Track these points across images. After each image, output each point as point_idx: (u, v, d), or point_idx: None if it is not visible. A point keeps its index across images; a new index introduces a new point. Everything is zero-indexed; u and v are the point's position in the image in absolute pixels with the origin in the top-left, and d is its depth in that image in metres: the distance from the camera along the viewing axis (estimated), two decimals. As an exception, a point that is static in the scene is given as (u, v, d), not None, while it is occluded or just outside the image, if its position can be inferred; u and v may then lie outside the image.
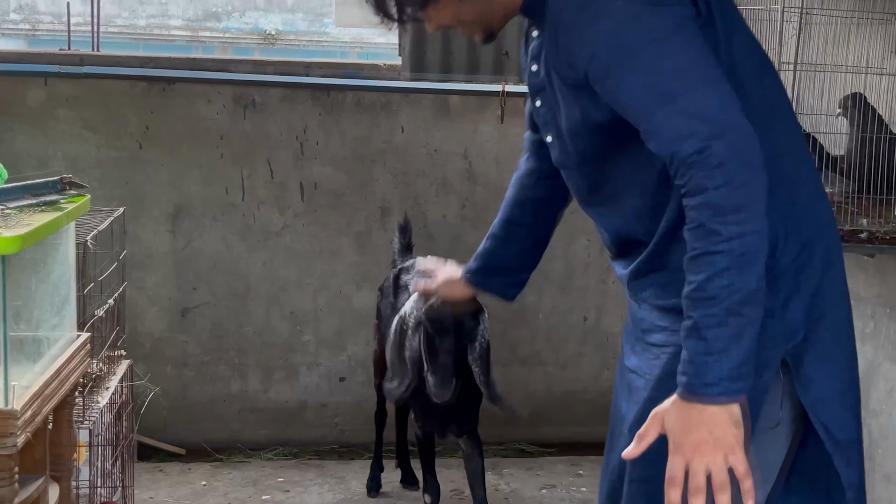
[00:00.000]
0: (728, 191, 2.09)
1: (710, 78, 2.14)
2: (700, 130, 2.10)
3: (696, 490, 2.12)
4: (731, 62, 2.28)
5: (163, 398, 5.47)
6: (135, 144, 5.69)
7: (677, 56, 2.15)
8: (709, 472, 2.11)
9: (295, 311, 5.96)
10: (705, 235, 2.12)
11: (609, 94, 2.20)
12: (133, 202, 5.53)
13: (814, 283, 2.34)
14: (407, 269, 4.80)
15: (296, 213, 5.88)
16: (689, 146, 2.11)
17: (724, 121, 2.11)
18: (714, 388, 2.14)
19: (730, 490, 2.12)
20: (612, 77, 2.17)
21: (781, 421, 2.38)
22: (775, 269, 2.26)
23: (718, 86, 2.14)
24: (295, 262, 5.91)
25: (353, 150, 5.88)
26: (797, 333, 2.32)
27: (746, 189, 2.10)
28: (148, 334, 5.79)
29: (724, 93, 2.14)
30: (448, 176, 5.98)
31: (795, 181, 2.37)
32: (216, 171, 5.80)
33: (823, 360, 2.35)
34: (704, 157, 2.10)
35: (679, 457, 2.15)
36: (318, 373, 6.02)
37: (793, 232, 2.32)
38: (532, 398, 6.10)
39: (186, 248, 5.82)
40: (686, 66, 2.14)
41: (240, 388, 5.96)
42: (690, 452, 2.14)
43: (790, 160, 2.38)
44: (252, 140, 5.79)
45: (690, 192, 2.12)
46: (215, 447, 5.86)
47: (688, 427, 2.16)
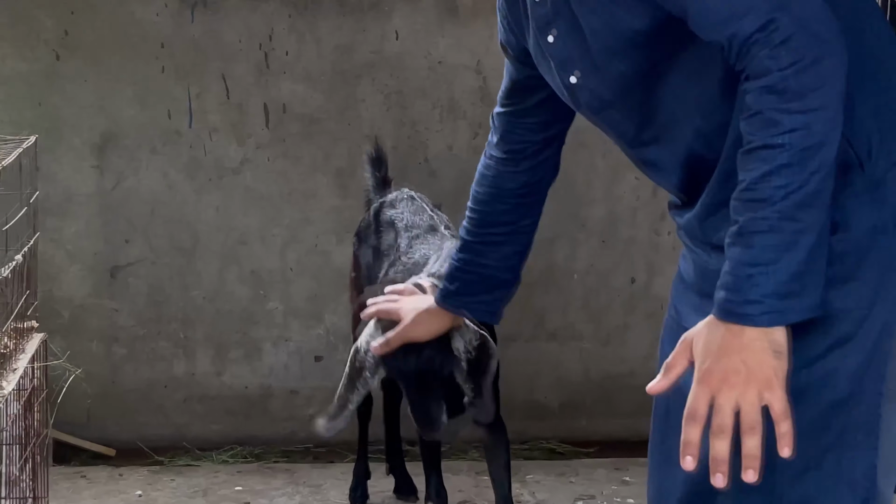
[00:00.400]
0: (794, 71, 1.99)
1: None
2: (761, 2, 2.01)
3: (718, 429, 2.00)
4: None
5: (86, 383, 4.99)
6: (50, 55, 5.35)
7: None
8: (737, 409, 2.00)
9: (257, 271, 5.62)
10: (763, 125, 2.02)
11: None
12: (48, 129, 5.14)
13: None
14: (391, 203, 4.65)
15: (258, 143, 5.54)
16: (749, 22, 2.01)
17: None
18: (756, 305, 2.02)
19: (761, 432, 1.99)
20: None
21: None
22: (875, 174, 2.16)
23: None
24: (257, 208, 5.58)
25: (333, 63, 5.54)
26: None
27: (817, 69, 1.99)
28: (67, 300, 5.45)
29: None
30: (456, 96, 5.62)
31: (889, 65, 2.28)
32: (155, 90, 5.46)
33: None
34: (768, 34, 2.00)
35: (704, 387, 2.03)
36: (287, 350, 5.67)
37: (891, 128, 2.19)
38: (564, 384, 5.82)
39: (117, 189, 5.48)
40: None
41: (185, 371, 5.61)
42: (718, 383, 2.03)
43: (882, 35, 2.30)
44: (202, 49, 5.46)
45: (751, 76, 2.04)
46: (154, 447, 5.50)
47: (718, 352, 2.05)
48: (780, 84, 1.98)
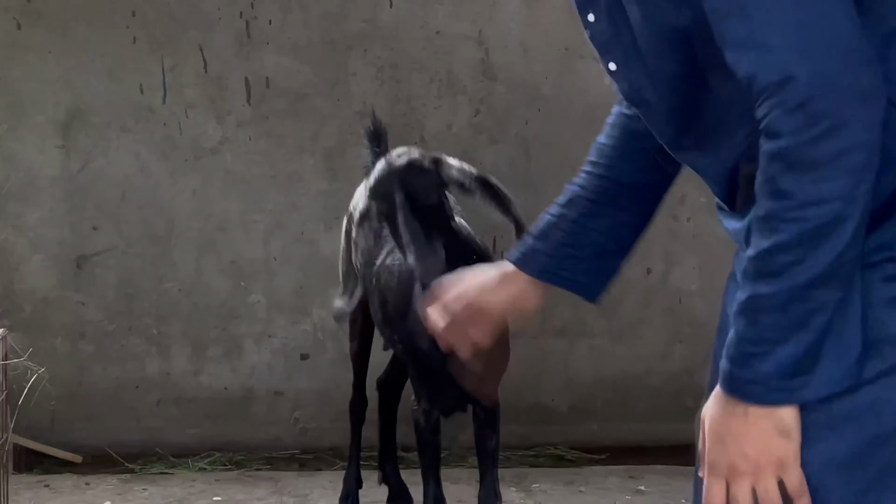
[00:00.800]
0: (810, 139, 1.80)
1: None
2: (789, 47, 1.83)
3: None
4: None
5: (51, 384, 4.73)
6: (10, 23, 5.29)
7: None
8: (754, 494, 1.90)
9: (238, 261, 5.55)
10: (774, 195, 1.86)
11: None
12: (8, 106, 5.31)
13: None
14: None
15: (239, 121, 5.47)
16: (769, 71, 1.82)
17: (827, 40, 1.84)
18: (759, 385, 1.87)
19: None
20: None
21: None
22: None
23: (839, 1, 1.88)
24: (238, 192, 5.51)
25: (322, 34, 5.50)
26: None
27: (839, 136, 1.79)
28: (29, 293, 5.41)
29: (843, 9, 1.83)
30: (455, 69, 5.58)
31: None
32: (126, 62, 5.40)
33: None
34: (784, 92, 1.81)
35: (716, 478, 1.93)
36: (271, 348, 5.59)
37: None
38: (573, 384, 5.77)
39: (84, 172, 5.42)
40: None
41: (159, 370, 5.53)
42: (728, 472, 1.92)
43: None
44: (177, 17, 5.41)
45: (765, 133, 1.84)
46: (125, 453, 5.37)
47: (723, 438, 1.95)
48: (793, 153, 1.85)
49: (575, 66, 5.59)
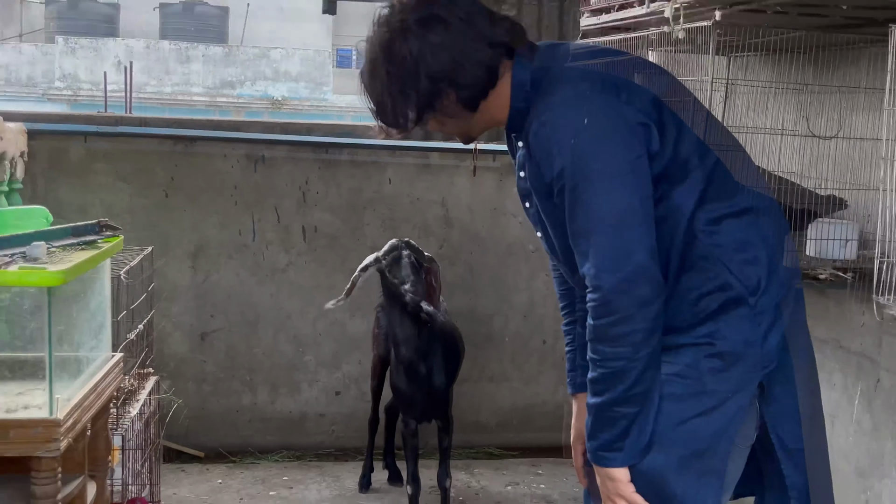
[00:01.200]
0: (607, 325, 2.17)
1: (635, 220, 2.17)
2: (606, 266, 2.16)
3: None
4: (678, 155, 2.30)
5: (185, 409, 5.51)
6: (161, 194, 5.72)
7: (618, 192, 2.18)
8: None
9: (297, 336, 5.96)
10: (592, 350, 2.22)
11: (566, 206, 2.23)
12: (160, 243, 5.44)
13: (787, 317, 2.34)
14: None
15: (298, 252, 5.89)
16: (591, 275, 2.18)
17: (627, 264, 2.15)
18: (594, 455, 2.30)
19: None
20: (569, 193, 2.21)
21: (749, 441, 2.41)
22: (757, 306, 2.28)
23: (640, 229, 2.18)
24: (298, 294, 5.90)
25: (348, 199, 5.90)
26: (772, 360, 2.32)
27: (626, 325, 2.15)
28: (172, 355, 5.74)
29: (639, 237, 2.17)
30: (428, 221, 5.99)
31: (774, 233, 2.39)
32: (231, 217, 5.81)
33: (785, 381, 2.36)
34: (594, 293, 2.18)
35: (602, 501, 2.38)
36: (318, 388, 6.02)
37: (774, 274, 2.32)
38: (499, 410, 6.17)
39: (205, 282, 5.83)
40: (622, 203, 2.17)
41: (250, 401, 5.96)
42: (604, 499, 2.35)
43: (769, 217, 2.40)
44: (262, 190, 5.81)
45: (589, 311, 2.21)
46: (229, 451, 5.88)
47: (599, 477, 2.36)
48: (599, 331, 2.18)
49: (499, 220, 5.97)
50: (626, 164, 2.18)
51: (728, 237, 2.29)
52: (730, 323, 2.27)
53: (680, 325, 2.28)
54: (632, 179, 2.17)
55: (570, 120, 2.20)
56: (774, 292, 2.31)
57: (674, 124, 2.29)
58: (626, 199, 2.16)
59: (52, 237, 3.24)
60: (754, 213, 2.35)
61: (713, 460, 2.29)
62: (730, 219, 2.30)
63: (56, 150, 5.50)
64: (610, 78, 2.28)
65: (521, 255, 6.02)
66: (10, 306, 3.24)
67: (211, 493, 5.25)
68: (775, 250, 2.35)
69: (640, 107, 2.24)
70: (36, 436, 2.94)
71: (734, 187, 2.35)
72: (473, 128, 2.47)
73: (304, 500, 5.25)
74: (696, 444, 2.28)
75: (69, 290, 3.21)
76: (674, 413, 2.27)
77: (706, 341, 2.27)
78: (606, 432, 2.25)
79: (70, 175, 5.53)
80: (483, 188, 5.96)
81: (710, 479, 2.30)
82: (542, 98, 2.28)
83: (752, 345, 2.27)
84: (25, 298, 3.14)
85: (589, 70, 2.30)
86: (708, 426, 2.27)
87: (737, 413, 2.29)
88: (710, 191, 2.29)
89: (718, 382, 2.27)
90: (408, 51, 2.30)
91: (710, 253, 2.27)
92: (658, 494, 2.27)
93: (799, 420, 2.39)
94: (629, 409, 2.21)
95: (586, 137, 2.17)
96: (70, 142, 5.54)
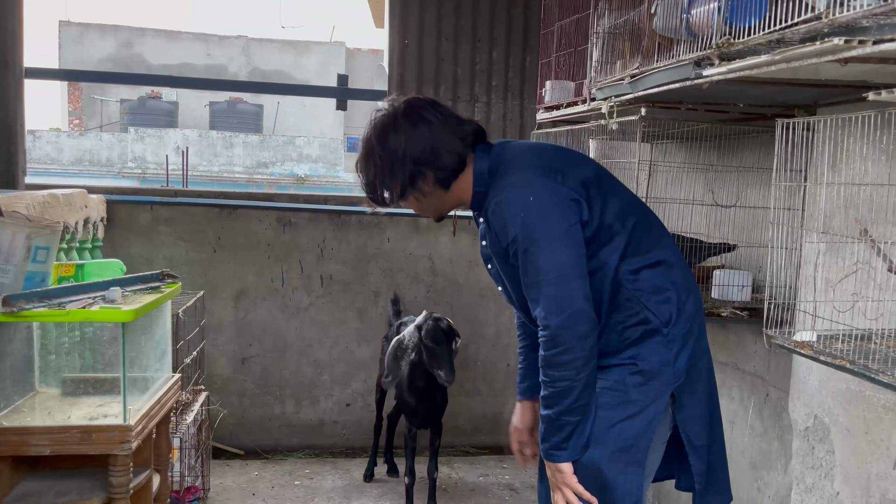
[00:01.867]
0: (554, 354, 2.16)
1: (572, 273, 2.16)
2: (552, 309, 2.15)
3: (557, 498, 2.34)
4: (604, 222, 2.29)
5: (229, 417, 5.51)
6: (211, 249, 5.65)
7: (559, 252, 2.17)
8: None
9: (317, 360, 5.87)
10: (543, 374, 2.21)
11: (520, 265, 2.22)
12: (210, 287, 5.52)
13: (692, 344, 2.34)
14: (403, 323, 4.77)
15: (318, 295, 5.80)
16: (541, 317, 2.17)
17: (568, 308, 2.14)
18: (546, 453, 2.28)
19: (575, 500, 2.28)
20: (522, 254, 2.20)
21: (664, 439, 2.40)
22: (669, 335, 2.28)
23: (577, 280, 2.17)
24: (317, 328, 5.82)
25: (356, 254, 5.80)
26: (681, 376, 2.32)
27: (569, 354, 2.15)
28: (219, 375, 5.71)
29: (576, 286, 2.16)
30: (418, 271, 5.88)
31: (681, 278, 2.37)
32: (265, 267, 5.71)
33: (691, 393, 2.35)
34: (543, 329, 2.18)
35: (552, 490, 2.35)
36: (332, 401, 5.93)
37: (684, 313, 2.32)
38: (473, 417, 6.05)
39: (245, 319, 5.74)
40: (563, 260, 2.17)
41: (280, 411, 5.87)
42: (553, 488, 2.33)
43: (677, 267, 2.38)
44: (289, 247, 5.71)
45: (540, 344, 2.20)
46: (264, 450, 5.80)
47: (550, 471, 2.33)
48: (547, 359, 2.17)
49: (473, 269, 5.83)
50: (563, 229, 2.18)
51: (646, 283, 2.29)
52: (649, 348, 2.27)
53: (611, 350, 2.29)
54: (568, 241, 2.17)
55: (520, 198, 2.20)
56: (682, 324, 2.30)
57: (599, 198, 2.29)
58: (565, 256, 2.16)
59: (125, 284, 3.28)
60: (666, 264, 2.34)
61: (637, 454, 2.28)
62: (647, 269, 2.30)
63: (129, 216, 5.45)
64: (549, 165, 2.29)
65: (490, 297, 5.92)
66: (93, 337, 3.34)
67: (249, 482, 5.18)
68: (682, 292, 2.32)
69: (573, 186, 2.25)
70: (113, 438, 2.97)
71: (650, 244, 2.34)
72: (444, 206, 2.45)
73: (322, 488, 5.16)
74: (623, 442, 2.27)
75: (139, 325, 3.23)
76: (606, 418, 2.27)
77: (630, 362, 2.27)
78: (556, 436, 2.23)
79: (139, 235, 5.48)
80: (461, 245, 5.87)
81: (634, 469, 2.29)
82: (498, 182, 2.28)
83: (666, 364, 2.27)
84: (105, 331, 3.24)
85: (532, 160, 2.31)
86: (632, 428, 2.26)
87: (654, 417, 2.28)
88: (630, 248, 2.29)
89: (640, 394, 2.26)
90: (398, 142, 2.32)
91: (633, 296, 2.28)
92: (594, 481, 2.27)
93: (702, 423, 2.40)
94: (573, 418, 2.21)
95: (532, 211, 2.17)
96: (140, 209, 5.48)
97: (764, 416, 3.48)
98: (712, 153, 3.74)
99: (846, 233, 2.43)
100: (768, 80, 2.24)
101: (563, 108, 3.75)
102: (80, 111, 27.12)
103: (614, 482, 2.26)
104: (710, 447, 2.42)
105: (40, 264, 3.01)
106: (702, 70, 2.28)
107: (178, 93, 27.32)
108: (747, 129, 3.45)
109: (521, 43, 5.80)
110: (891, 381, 1.82)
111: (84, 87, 26.81)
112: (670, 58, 2.52)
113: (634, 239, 2.30)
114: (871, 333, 2.16)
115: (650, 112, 3.04)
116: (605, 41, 3.27)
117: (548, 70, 4.03)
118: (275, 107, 28.15)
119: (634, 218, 2.34)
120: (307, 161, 24.45)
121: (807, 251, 2.81)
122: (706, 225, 3.70)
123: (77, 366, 3.40)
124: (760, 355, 3.50)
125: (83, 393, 3.35)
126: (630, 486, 2.27)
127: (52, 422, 3.01)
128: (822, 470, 2.87)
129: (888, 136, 2.15)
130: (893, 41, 1.52)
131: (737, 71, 2.06)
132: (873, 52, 1.58)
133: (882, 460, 2.56)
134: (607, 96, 3.13)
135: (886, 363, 1.92)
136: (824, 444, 2.86)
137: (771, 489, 3.39)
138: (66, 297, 2.95)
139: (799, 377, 3.03)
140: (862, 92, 1.86)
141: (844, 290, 2.49)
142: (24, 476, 3.14)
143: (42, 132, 22.99)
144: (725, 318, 3.17)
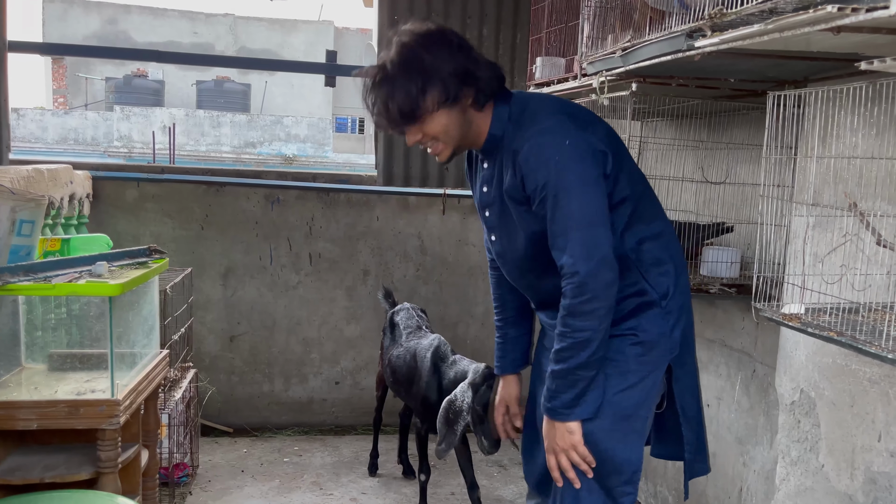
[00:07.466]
0: (580, 302, 2.12)
1: (601, 221, 2.14)
2: (581, 255, 2.11)
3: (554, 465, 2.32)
4: (619, 181, 2.27)
5: (218, 395, 5.54)
6: (198, 227, 5.61)
7: (591, 198, 2.14)
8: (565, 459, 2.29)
9: (306, 338, 5.85)
10: (563, 323, 2.17)
11: (548, 211, 2.17)
12: (197, 265, 5.51)
13: (686, 318, 2.36)
14: (396, 312, 4.71)
15: (306, 273, 5.77)
16: (569, 264, 2.13)
17: (597, 254, 2.12)
18: (554, 412, 2.25)
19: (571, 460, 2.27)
20: (551, 199, 2.15)
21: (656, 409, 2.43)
22: (668, 306, 2.31)
23: (605, 228, 2.14)
24: (306, 306, 5.79)
25: (345, 232, 5.77)
26: (676, 348, 2.34)
27: (595, 302, 2.12)
28: (207, 353, 5.68)
29: (604, 234, 2.13)
30: (407, 249, 5.87)
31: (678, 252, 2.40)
32: (253, 245, 5.68)
33: (682, 365, 2.38)
34: (571, 277, 2.14)
35: (549, 454, 2.30)
36: (321, 378, 5.90)
37: (679, 286, 2.34)
38: None
39: (233, 296, 5.71)
40: (594, 207, 2.14)
41: (269, 389, 5.84)
42: (553, 451, 2.29)
43: (675, 240, 2.41)
44: (277, 224, 5.68)
45: (564, 294, 2.16)
46: (253, 427, 5.79)
47: (548, 434, 2.29)
48: (572, 307, 2.13)
49: (462, 248, 5.84)
50: (594, 176, 2.15)
51: (648, 255, 2.30)
52: (648, 319, 2.28)
53: None
54: (599, 189, 2.16)
55: (554, 142, 2.15)
56: (678, 298, 2.32)
57: (620, 157, 2.28)
58: (596, 203, 2.14)
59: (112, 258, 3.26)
60: (666, 236, 2.35)
61: (636, 423, 2.30)
62: (649, 241, 2.30)
63: (115, 193, 5.41)
64: (578, 115, 2.27)
65: (479, 276, 5.92)
66: (80, 312, 3.30)
67: (238, 459, 5.17)
68: (679, 265, 2.35)
69: (601, 137, 2.23)
70: (100, 412, 2.95)
71: (653, 214, 2.35)
72: (465, 136, 2.31)
73: (311, 464, 5.15)
74: (623, 411, 2.28)
75: (126, 300, 3.21)
76: (607, 388, 2.27)
77: (631, 333, 2.28)
78: (568, 392, 2.21)
79: (126, 212, 5.44)
80: (450, 224, 5.86)
81: (634, 438, 2.30)
82: (527, 127, 2.21)
83: (664, 336, 2.29)
84: (92, 306, 3.20)
85: (563, 107, 2.28)
86: (632, 397, 2.28)
87: (652, 388, 2.31)
88: (636, 215, 2.29)
89: (640, 364, 2.28)
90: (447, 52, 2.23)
91: (633, 266, 2.29)
92: (593, 449, 2.28)
93: (695, 394, 2.43)
94: (588, 373, 2.19)
95: (567, 155, 2.13)
96: (126, 186, 5.44)
97: (750, 391, 3.48)
98: (702, 130, 3.72)
99: (835, 206, 2.42)
100: (760, 52, 2.23)
101: (553, 84, 3.73)
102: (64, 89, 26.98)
103: (613, 451, 2.27)
104: (697, 418, 2.44)
105: (25, 238, 2.98)
106: (694, 41, 2.26)
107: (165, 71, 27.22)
108: (737, 106, 3.44)
109: (512, 19, 5.77)
110: (878, 352, 1.83)
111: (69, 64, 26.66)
112: (662, 31, 2.51)
113: (640, 206, 2.30)
114: (859, 306, 2.17)
115: (641, 87, 3.01)
116: (597, 15, 3.25)
117: (538, 46, 4.01)
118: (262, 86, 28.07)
119: (641, 185, 2.34)
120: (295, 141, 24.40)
121: (796, 225, 2.81)
122: (695, 202, 3.69)
123: (64, 342, 3.37)
124: (748, 332, 3.49)
125: (70, 368, 3.32)
126: (629, 456, 2.29)
127: (39, 396, 2.98)
128: (808, 443, 2.89)
129: (878, 109, 2.17)
130: (886, 8, 1.50)
131: (729, 42, 2.04)
132: (866, 19, 1.57)
133: (867, 433, 2.58)
134: (598, 70, 3.11)
135: (874, 335, 1.93)
136: (810, 417, 2.88)
137: (756, 463, 3.39)
138: (52, 271, 2.91)
139: (786, 352, 3.04)
140: (853, 65, 1.84)
141: (833, 263, 2.49)
142: (10, 451, 3.12)
143: (26, 110, 22.87)
144: (713, 294, 3.17)
